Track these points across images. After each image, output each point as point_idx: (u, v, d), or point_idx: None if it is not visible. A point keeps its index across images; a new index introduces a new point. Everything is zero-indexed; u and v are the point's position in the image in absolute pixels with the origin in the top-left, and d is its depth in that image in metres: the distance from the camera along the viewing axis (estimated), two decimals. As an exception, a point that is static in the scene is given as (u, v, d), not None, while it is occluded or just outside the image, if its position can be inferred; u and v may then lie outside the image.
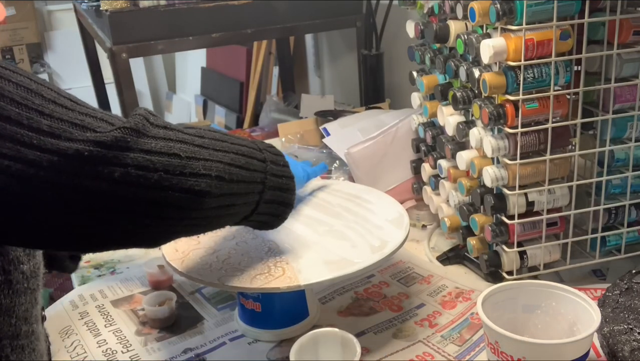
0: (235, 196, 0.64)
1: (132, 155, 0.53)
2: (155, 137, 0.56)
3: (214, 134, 0.65)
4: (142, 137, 0.55)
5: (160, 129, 0.58)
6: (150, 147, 0.55)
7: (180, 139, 0.59)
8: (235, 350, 0.85)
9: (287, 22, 1.58)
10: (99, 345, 0.87)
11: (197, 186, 0.58)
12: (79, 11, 2.14)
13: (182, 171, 0.57)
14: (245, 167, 0.66)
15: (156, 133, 0.57)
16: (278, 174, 0.72)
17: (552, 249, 0.91)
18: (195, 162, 0.58)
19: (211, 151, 0.61)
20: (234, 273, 0.78)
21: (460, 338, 0.83)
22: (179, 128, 0.61)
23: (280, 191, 0.72)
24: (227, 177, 0.62)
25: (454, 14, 0.91)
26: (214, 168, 0.60)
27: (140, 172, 0.54)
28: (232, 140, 0.67)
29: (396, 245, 0.83)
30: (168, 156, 0.56)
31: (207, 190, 0.59)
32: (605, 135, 0.86)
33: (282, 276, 0.77)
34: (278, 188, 0.72)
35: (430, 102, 1.05)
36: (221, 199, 0.62)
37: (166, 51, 1.55)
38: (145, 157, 0.54)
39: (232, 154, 0.64)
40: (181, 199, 0.57)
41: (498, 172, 0.86)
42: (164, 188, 0.55)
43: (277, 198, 0.72)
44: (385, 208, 0.95)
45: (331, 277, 0.77)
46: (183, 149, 0.58)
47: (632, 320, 0.73)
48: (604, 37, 0.82)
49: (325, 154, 1.34)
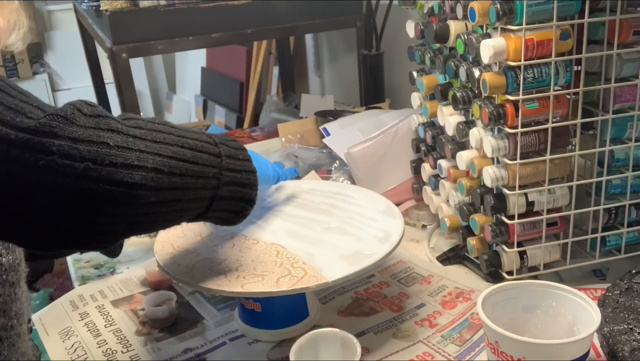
0: (180, 191, 0.61)
1: (57, 142, 0.51)
2: (84, 126, 0.54)
3: (158, 125, 0.62)
4: (70, 125, 0.53)
5: (92, 118, 0.55)
6: (77, 135, 0.53)
7: (113, 128, 0.56)
8: (235, 350, 0.85)
9: (287, 22, 1.58)
10: (99, 345, 0.87)
11: (130, 178, 0.55)
12: (79, 11, 2.14)
13: (111, 161, 0.54)
14: (192, 160, 0.62)
15: (86, 122, 0.54)
16: (236, 169, 0.68)
17: (552, 249, 0.91)
18: (127, 152, 0.55)
19: (148, 142, 0.58)
20: (254, 279, 0.77)
21: (460, 338, 0.83)
22: (116, 118, 0.58)
23: (238, 187, 0.69)
24: (167, 170, 0.59)
25: (454, 14, 0.91)
26: (150, 160, 0.57)
27: (66, 160, 0.52)
28: (179, 133, 0.63)
29: (399, 233, 0.85)
30: (96, 144, 0.53)
31: (141, 183, 0.56)
32: (605, 135, 0.86)
33: (306, 276, 0.76)
34: (236, 183, 0.68)
35: (430, 102, 1.05)
36: (162, 194, 0.59)
37: (166, 51, 1.55)
38: (71, 145, 0.52)
39: (176, 146, 0.61)
40: (112, 192, 0.54)
41: (498, 172, 0.86)
42: (92, 179, 0.53)
43: (236, 193, 0.69)
44: (369, 200, 0.97)
45: (355, 270, 0.77)
46: (114, 138, 0.55)
47: (632, 320, 0.73)
48: (604, 37, 0.82)
49: (325, 154, 1.34)
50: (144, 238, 1.13)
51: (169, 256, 0.84)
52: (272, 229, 0.89)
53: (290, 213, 0.94)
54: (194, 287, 0.79)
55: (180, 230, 0.91)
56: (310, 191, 1.02)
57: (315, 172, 1.27)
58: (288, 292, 0.74)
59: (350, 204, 0.96)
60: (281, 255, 0.82)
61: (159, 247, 0.87)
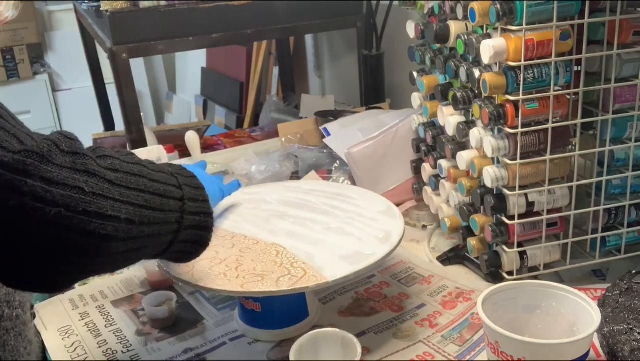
0: (145, 239, 0.59)
1: (29, 182, 0.48)
2: (60, 166, 0.51)
3: (132, 167, 0.59)
4: (44, 164, 0.50)
5: (69, 156, 0.52)
6: (51, 176, 0.50)
7: (89, 170, 0.53)
8: (235, 350, 0.85)
9: (287, 22, 1.58)
10: (99, 345, 0.87)
11: (102, 229, 0.52)
12: (79, 11, 2.14)
13: (85, 208, 0.51)
14: (160, 208, 0.60)
15: (62, 161, 0.51)
16: (195, 212, 0.67)
17: (552, 249, 0.91)
18: (101, 200, 0.53)
19: (123, 189, 0.56)
20: (254, 278, 0.77)
21: (460, 338, 0.83)
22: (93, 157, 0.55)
23: (196, 229, 0.67)
24: (137, 220, 0.56)
25: (454, 14, 0.91)
26: (124, 210, 0.55)
27: (37, 203, 0.49)
28: (150, 176, 0.61)
29: (399, 233, 0.85)
30: (70, 188, 0.50)
31: (112, 234, 0.53)
32: (605, 135, 0.86)
33: (306, 276, 0.76)
34: (195, 226, 0.67)
35: (430, 102, 1.05)
36: (129, 243, 0.57)
37: (166, 51, 1.55)
38: (43, 186, 0.49)
39: (148, 193, 0.59)
40: (82, 242, 0.51)
41: (498, 172, 0.86)
42: (62, 226, 0.50)
43: (192, 236, 0.68)
44: (369, 201, 0.97)
45: (355, 270, 0.77)
46: (89, 183, 0.52)
47: (632, 320, 0.73)
48: (604, 37, 0.82)
49: (325, 154, 1.34)
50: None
51: None
52: (272, 229, 0.89)
53: (290, 213, 0.94)
54: (194, 287, 0.79)
55: None
56: (310, 191, 1.02)
57: (315, 172, 1.27)
58: (288, 291, 0.74)
59: (350, 204, 0.96)
60: (281, 255, 0.82)
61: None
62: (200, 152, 1.38)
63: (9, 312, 0.63)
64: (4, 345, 0.61)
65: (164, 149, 1.26)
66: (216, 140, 1.93)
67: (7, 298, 0.63)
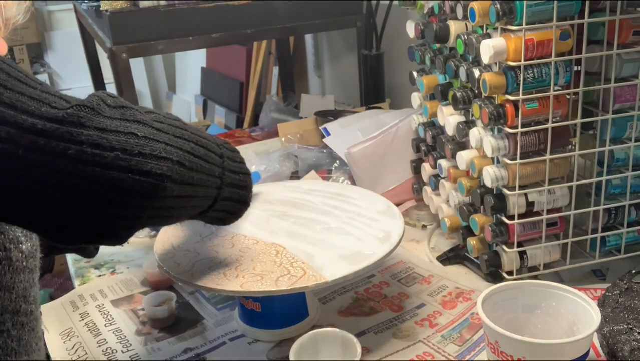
0: (195, 187, 0.62)
1: (85, 132, 0.52)
2: (110, 118, 0.54)
3: (174, 121, 0.63)
4: (97, 116, 0.53)
5: (117, 110, 0.55)
6: (105, 125, 0.53)
7: (139, 120, 0.56)
8: (235, 350, 0.85)
9: (287, 22, 1.58)
10: (99, 345, 0.87)
11: (159, 170, 0.55)
12: (79, 11, 2.14)
13: (140, 151, 0.54)
14: (204, 158, 0.63)
15: (112, 113, 0.55)
16: (236, 171, 0.70)
17: (552, 249, 0.91)
18: (155, 143, 0.56)
19: (171, 136, 0.59)
20: (253, 278, 0.77)
21: (460, 338, 0.83)
22: (139, 110, 0.58)
23: (237, 188, 0.70)
24: (188, 165, 0.59)
25: (454, 14, 0.91)
26: (175, 153, 0.58)
27: (95, 150, 0.52)
28: (191, 130, 0.64)
29: (399, 234, 0.85)
30: (125, 135, 0.54)
31: (168, 175, 0.56)
32: (605, 135, 0.86)
33: (305, 276, 0.76)
34: (236, 184, 0.70)
35: (430, 102, 1.05)
36: (182, 188, 0.59)
37: (166, 51, 1.55)
38: (100, 135, 0.52)
39: (192, 143, 0.62)
40: (141, 182, 0.54)
41: (498, 172, 0.86)
42: (121, 169, 0.53)
43: (235, 195, 0.70)
44: (369, 201, 0.97)
45: (354, 270, 0.77)
46: (141, 130, 0.55)
47: (632, 320, 0.73)
48: (604, 37, 0.82)
49: (325, 154, 1.34)
50: (144, 238, 1.13)
51: (169, 256, 0.84)
52: (272, 229, 0.89)
53: (290, 213, 0.94)
54: (194, 287, 0.79)
55: (181, 230, 0.91)
56: (310, 191, 1.02)
57: (315, 172, 1.27)
58: (287, 291, 0.74)
59: (350, 204, 0.96)
60: (281, 255, 0.82)
61: (159, 247, 0.87)
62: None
63: (25, 307, 0.63)
64: (19, 339, 0.62)
65: (164, 149, 1.25)
66: (216, 140, 1.93)
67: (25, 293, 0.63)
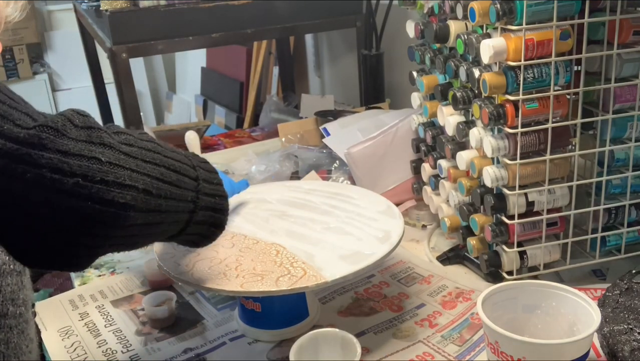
0: (163, 214, 0.59)
1: (46, 155, 0.49)
2: (75, 139, 0.51)
3: (147, 143, 0.60)
4: (60, 137, 0.50)
5: (83, 130, 0.52)
6: (67, 148, 0.50)
7: (105, 142, 0.53)
8: (235, 350, 0.85)
9: (287, 22, 1.58)
10: (99, 345, 0.87)
11: (121, 198, 0.52)
12: (79, 11, 2.14)
13: (103, 178, 0.51)
14: (176, 184, 0.60)
15: (77, 135, 0.52)
16: (211, 194, 0.67)
17: (552, 249, 0.91)
18: (119, 170, 0.53)
19: (139, 161, 0.56)
20: (254, 278, 0.77)
21: (460, 338, 0.83)
22: (107, 131, 0.55)
23: (212, 212, 0.68)
24: (155, 192, 0.56)
25: (454, 14, 0.91)
26: (141, 180, 0.55)
27: (54, 175, 0.49)
28: (164, 152, 0.61)
29: (399, 234, 0.85)
30: (87, 159, 0.51)
31: (132, 204, 0.53)
32: (605, 135, 0.86)
33: (306, 276, 0.76)
34: (211, 208, 0.67)
35: (430, 102, 1.05)
36: (148, 216, 0.57)
37: (166, 51, 1.55)
38: (61, 158, 0.49)
39: (163, 168, 0.59)
40: (102, 212, 0.51)
41: (498, 172, 0.86)
42: (81, 196, 0.50)
43: (209, 218, 0.67)
44: (369, 201, 0.97)
45: (354, 270, 0.77)
46: (106, 154, 0.52)
47: (632, 320, 0.73)
48: (604, 37, 0.82)
49: (325, 154, 1.34)
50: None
51: (169, 256, 0.84)
52: (272, 229, 0.89)
53: (290, 213, 0.94)
54: (194, 287, 0.79)
55: None
56: (310, 191, 1.02)
57: (315, 172, 1.27)
58: (287, 291, 0.74)
59: (350, 204, 0.96)
60: (281, 255, 0.82)
61: (159, 247, 0.87)
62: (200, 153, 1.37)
63: (13, 310, 0.63)
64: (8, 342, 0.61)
65: (164, 149, 1.25)
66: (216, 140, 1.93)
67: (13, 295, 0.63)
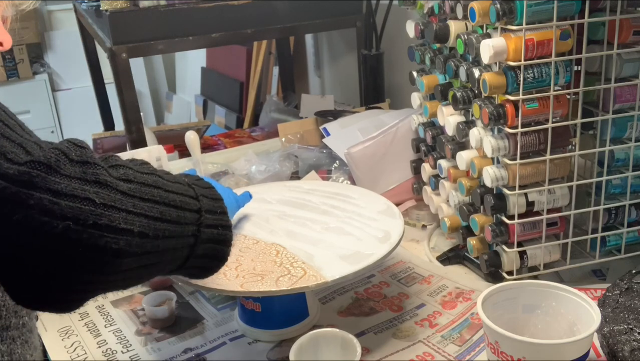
0: (160, 254, 0.56)
1: (36, 195, 0.45)
2: (69, 176, 0.48)
3: (147, 178, 0.56)
4: (53, 175, 0.47)
5: (79, 166, 0.49)
6: (59, 187, 0.46)
7: (101, 180, 0.50)
8: (235, 350, 0.85)
9: (287, 22, 1.58)
10: (99, 345, 0.87)
11: (115, 244, 0.49)
12: (79, 11, 2.14)
13: (96, 221, 0.48)
14: (175, 220, 0.57)
15: (71, 171, 0.48)
16: (213, 225, 0.63)
17: (552, 249, 0.91)
18: (114, 212, 0.49)
19: (136, 200, 0.52)
20: (254, 278, 0.77)
21: (460, 338, 0.83)
22: (104, 165, 0.52)
23: (214, 244, 0.64)
24: (152, 234, 0.53)
25: (454, 14, 0.91)
26: (137, 223, 0.51)
27: (44, 217, 0.45)
28: (165, 186, 0.58)
29: (399, 234, 0.85)
30: (80, 200, 0.47)
31: (125, 250, 0.50)
32: (605, 135, 0.86)
33: (305, 276, 0.76)
34: (213, 240, 0.63)
35: (430, 102, 1.05)
36: (142, 258, 0.53)
37: (166, 51, 1.55)
38: (51, 199, 0.46)
39: (163, 205, 0.55)
40: (93, 258, 0.48)
41: (498, 172, 0.86)
42: (71, 242, 0.47)
43: (210, 251, 0.64)
44: (369, 201, 0.97)
45: (354, 270, 0.77)
46: (100, 194, 0.49)
47: (632, 320, 0.73)
48: (604, 37, 0.82)
49: (325, 154, 1.34)
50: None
51: None
52: (272, 229, 0.89)
53: (290, 213, 0.94)
54: (194, 287, 0.79)
55: None
56: (310, 191, 1.02)
57: (315, 172, 1.27)
58: (287, 291, 0.74)
59: (350, 204, 0.96)
60: (281, 255, 0.82)
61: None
62: (200, 153, 1.37)
63: (16, 321, 0.62)
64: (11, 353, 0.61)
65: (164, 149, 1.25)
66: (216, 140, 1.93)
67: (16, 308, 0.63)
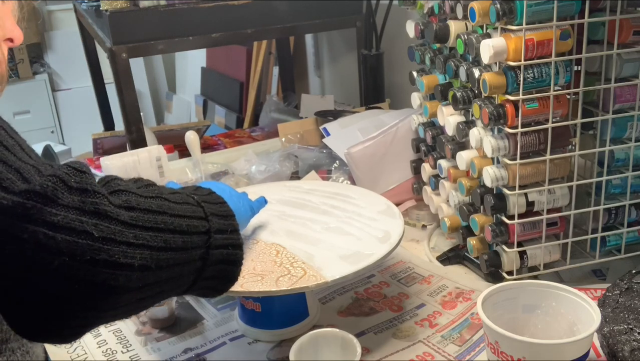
0: (163, 284, 0.53)
1: (31, 228, 0.43)
2: (66, 207, 0.44)
3: (151, 202, 0.52)
4: (49, 205, 0.44)
5: (77, 195, 0.46)
6: (56, 220, 0.44)
7: (100, 211, 0.46)
8: (235, 350, 0.85)
9: (287, 22, 1.58)
10: (99, 345, 0.87)
11: (113, 281, 0.46)
12: (79, 11, 2.14)
13: (93, 257, 0.45)
14: (181, 247, 0.53)
15: (69, 201, 0.45)
16: (223, 245, 0.60)
17: (552, 249, 0.91)
18: (114, 246, 0.46)
19: (138, 231, 0.49)
20: (254, 278, 0.77)
21: (460, 338, 0.83)
22: (104, 192, 0.48)
23: (224, 265, 0.61)
24: (155, 266, 0.50)
25: (454, 14, 0.91)
26: (138, 256, 0.48)
27: (38, 253, 0.43)
28: (171, 210, 0.54)
29: (399, 234, 0.85)
30: (77, 234, 0.44)
31: (124, 285, 0.47)
32: (605, 135, 0.86)
33: (305, 276, 0.76)
34: (222, 260, 0.60)
35: (430, 102, 1.05)
36: (144, 291, 0.50)
37: (166, 51, 1.55)
38: (47, 233, 0.43)
39: (168, 233, 0.52)
40: (90, 296, 0.46)
41: (498, 172, 0.86)
42: (67, 278, 0.44)
43: (219, 273, 0.61)
44: (370, 201, 0.97)
45: (354, 270, 0.77)
46: (99, 227, 0.46)
47: (632, 320, 0.73)
48: (604, 37, 0.82)
49: (325, 154, 1.34)
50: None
51: None
52: (272, 229, 0.89)
53: (290, 213, 0.94)
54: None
55: None
56: (310, 191, 1.02)
57: (315, 172, 1.27)
58: (287, 291, 0.74)
59: (350, 204, 0.96)
60: (281, 255, 0.82)
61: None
62: (200, 153, 1.37)
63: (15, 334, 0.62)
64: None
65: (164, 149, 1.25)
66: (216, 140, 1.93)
67: None
